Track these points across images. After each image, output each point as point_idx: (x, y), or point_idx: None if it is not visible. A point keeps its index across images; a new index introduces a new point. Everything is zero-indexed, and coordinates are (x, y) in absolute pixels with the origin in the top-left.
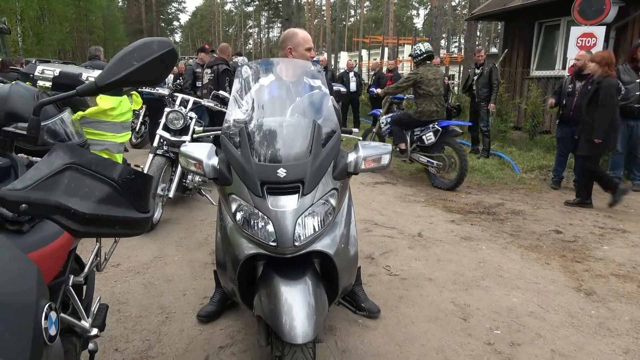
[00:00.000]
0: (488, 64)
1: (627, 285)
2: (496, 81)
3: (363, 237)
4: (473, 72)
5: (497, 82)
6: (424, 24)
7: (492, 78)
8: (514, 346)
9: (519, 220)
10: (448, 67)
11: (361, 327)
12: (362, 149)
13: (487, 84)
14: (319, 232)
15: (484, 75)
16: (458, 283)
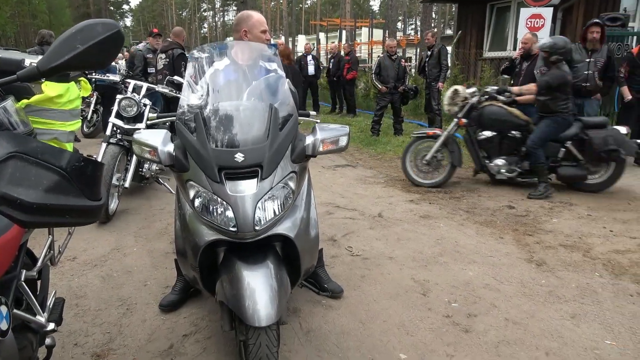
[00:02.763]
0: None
1: (574, 254)
2: (445, 61)
3: (325, 219)
4: (425, 53)
5: (445, 62)
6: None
7: (441, 58)
8: (470, 317)
9: (474, 197)
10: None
11: (325, 308)
12: (320, 132)
13: (437, 64)
14: (279, 215)
15: (434, 56)
16: (417, 260)
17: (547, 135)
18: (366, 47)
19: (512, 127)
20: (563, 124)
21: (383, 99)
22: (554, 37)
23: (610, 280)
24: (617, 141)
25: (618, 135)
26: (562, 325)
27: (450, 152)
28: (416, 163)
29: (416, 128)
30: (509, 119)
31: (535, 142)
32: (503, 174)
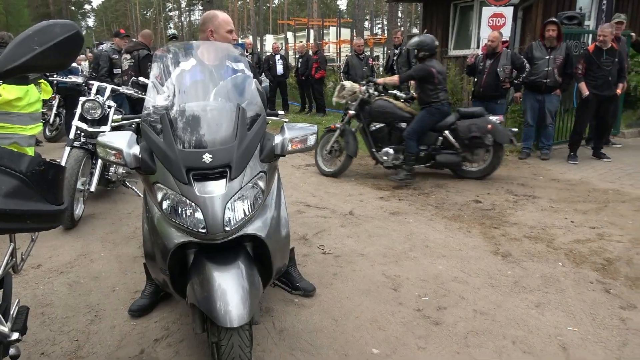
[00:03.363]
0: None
1: (538, 245)
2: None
3: (296, 218)
4: (392, 52)
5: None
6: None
7: (410, 57)
8: (440, 310)
9: (442, 193)
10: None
11: (297, 306)
12: (288, 131)
13: (407, 62)
14: (249, 215)
15: (403, 55)
16: (388, 256)
17: (422, 125)
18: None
19: (398, 119)
20: (436, 113)
21: None
22: (422, 36)
23: (571, 269)
24: (481, 129)
25: (482, 124)
26: (527, 314)
27: (346, 143)
28: (322, 153)
29: None
30: (395, 112)
31: (410, 132)
32: (389, 162)
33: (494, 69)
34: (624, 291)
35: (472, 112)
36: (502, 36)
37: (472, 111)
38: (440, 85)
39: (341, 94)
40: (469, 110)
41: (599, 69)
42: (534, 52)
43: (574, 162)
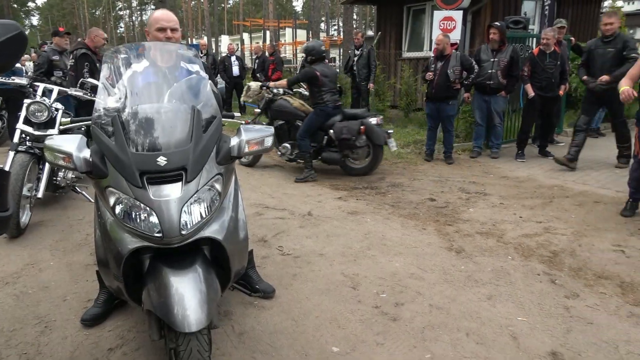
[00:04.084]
0: (366, 46)
1: (489, 240)
2: (374, 62)
3: (255, 220)
4: (353, 53)
5: (374, 63)
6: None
7: (370, 59)
8: (398, 306)
9: (398, 192)
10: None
11: (257, 309)
12: (245, 133)
13: (367, 64)
14: (206, 218)
15: (363, 56)
16: (347, 255)
17: (309, 126)
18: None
19: (295, 118)
20: (321, 114)
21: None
22: (312, 41)
23: (520, 262)
24: (351, 131)
25: (354, 126)
26: (480, 306)
27: None
28: None
29: None
30: (291, 111)
31: (301, 133)
32: (287, 155)
33: (445, 71)
34: (568, 281)
35: (355, 114)
36: (449, 39)
37: (355, 113)
38: (325, 87)
39: (247, 94)
40: (352, 111)
41: (543, 71)
42: (481, 55)
43: (522, 160)
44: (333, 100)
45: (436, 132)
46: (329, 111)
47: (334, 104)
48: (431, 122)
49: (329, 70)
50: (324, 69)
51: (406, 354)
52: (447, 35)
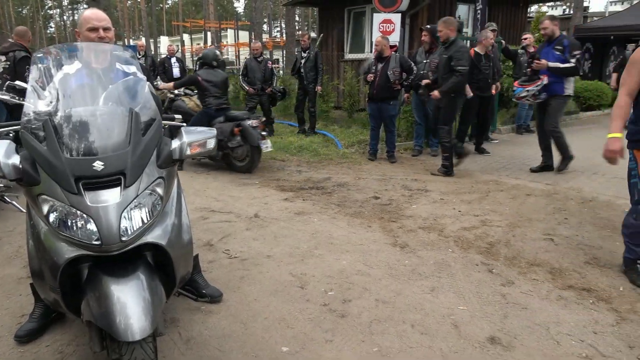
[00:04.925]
0: (313, 49)
1: (431, 235)
2: (321, 65)
3: (200, 224)
4: (300, 55)
5: (321, 65)
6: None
7: (317, 62)
8: (345, 303)
9: (344, 191)
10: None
11: (204, 314)
12: (186, 135)
13: (314, 67)
14: (147, 223)
15: (310, 59)
16: (294, 255)
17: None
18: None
19: (188, 117)
20: (204, 116)
21: (251, 100)
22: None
23: (460, 254)
24: (224, 133)
25: (227, 128)
26: (423, 298)
27: None
28: None
29: (287, 128)
30: (187, 111)
31: None
32: None
33: (385, 72)
34: (503, 270)
35: (235, 116)
36: (387, 41)
37: (236, 115)
38: (208, 91)
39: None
40: (233, 114)
41: (479, 72)
42: (417, 57)
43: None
44: (216, 104)
45: (379, 131)
46: (211, 113)
47: (216, 107)
48: (374, 122)
49: (214, 76)
50: (207, 74)
51: (354, 348)
52: (386, 37)
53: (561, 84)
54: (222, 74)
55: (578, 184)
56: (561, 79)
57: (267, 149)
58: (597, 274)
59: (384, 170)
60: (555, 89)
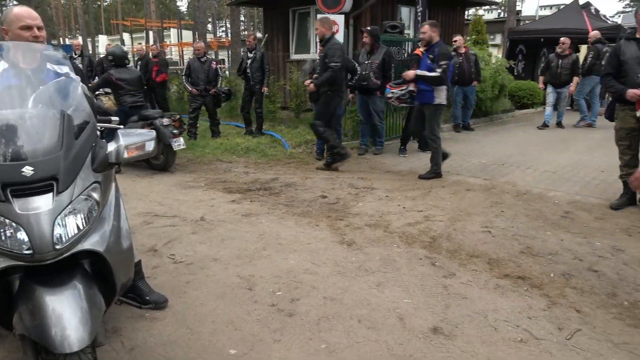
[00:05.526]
0: (259, 49)
1: (377, 231)
2: (267, 65)
3: (143, 230)
4: (246, 55)
5: (267, 66)
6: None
7: (263, 63)
8: (293, 302)
9: (291, 191)
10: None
11: (149, 321)
12: (123, 137)
13: (260, 68)
14: (83, 230)
15: (257, 60)
16: (242, 257)
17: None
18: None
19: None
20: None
21: (195, 101)
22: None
23: (405, 249)
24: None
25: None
26: (370, 293)
27: None
28: None
29: (233, 130)
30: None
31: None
32: None
33: None
34: (445, 262)
35: (148, 115)
36: None
37: (149, 114)
38: (122, 90)
39: None
40: (147, 112)
41: None
42: (359, 58)
43: (404, 155)
44: (131, 101)
45: None
46: (125, 111)
47: (131, 104)
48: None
49: (127, 74)
50: (120, 73)
51: (302, 347)
52: None
53: (431, 93)
54: (135, 71)
55: (513, 178)
56: (431, 88)
57: (180, 146)
58: (530, 262)
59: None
60: (426, 97)
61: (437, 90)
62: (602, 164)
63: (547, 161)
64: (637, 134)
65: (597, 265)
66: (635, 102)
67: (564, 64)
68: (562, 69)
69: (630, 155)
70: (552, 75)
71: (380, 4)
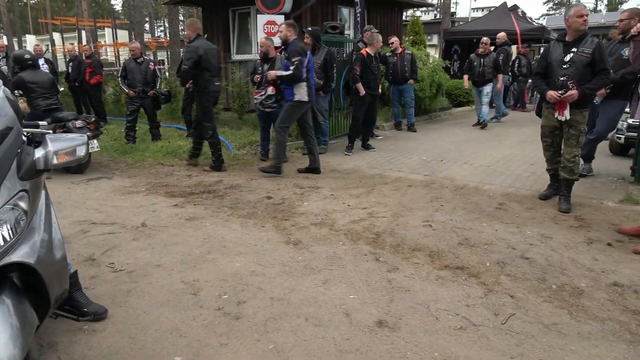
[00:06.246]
0: None
1: (322, 230)
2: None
3: (79, 239)
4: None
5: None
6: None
7: None
8: (240, 304)
9: (236, 193)
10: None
11: (88, 333)
12: (52, 143)
13: None
14: (11, 242)
15: None
16: (186, 262)
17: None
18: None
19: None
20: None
21: (133, 103)
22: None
23: (350, 246)
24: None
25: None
26: (316, 291)
27: None
28: None
29: (175, 132)
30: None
31: None
32: None
33: None
34: (389, 257)
35: (62, 117)
36: (272, 42)
37: (62, 116)
38: (35, 93)
39: None
40: (61, 115)
41: (370, 72)
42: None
43: (349, 153)
44: (45, 105)
45: (269, 131)
46: (39, 114)
47: (45, 108)
48: (263, 122)
49: (38, 77)
50: (32, 76)
51: (250, 349)
52: (270, 39)
53: (290, 90)
54: (47, 74)
55: (451, 173)
56: (290, 86)
57: (93, 149)
58: (468, 253)
59: None
60: (287, 94)
61: (296, 87)
62: (532, 157)
63: (482, 156)
64: (558, 132)
65: (529, 252)
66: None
67: (485, 63)
68: (485, 67)
69: (551, 152)
70: (475, 74)
71: (321, 4)
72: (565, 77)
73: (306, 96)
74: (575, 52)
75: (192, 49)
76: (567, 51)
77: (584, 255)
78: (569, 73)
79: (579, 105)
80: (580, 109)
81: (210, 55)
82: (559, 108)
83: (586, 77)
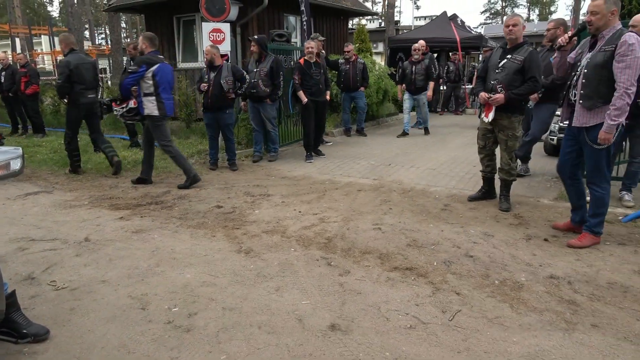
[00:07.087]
0: None
1: (274, 237)
2: None
3: (17, 257)
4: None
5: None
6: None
7: None
8: (191, 316)
9: (185, 203)
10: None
11: (28, 356)
12: None
13: None
14: None
15: None
16: (133, 276)
17: None
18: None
19: None
20: None
21: None
22: None
23: (302, 252)
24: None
25: None
26: (269, 299)
27: None
28: None
29: (119, 142)
30: None
31: None
32: None
33: (218, 81)
34: (341, 261)
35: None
36: (217, 50)
37: None
38: None
39: None
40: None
41: (311, 78)
42: (249, 66)
43: (311, 161)
44: None
45: (217, 140)
46: None
47: None
48: (211, 131)
49: None
50: None
51: None
52: (216, 47)
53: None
54: None
55: (399, 176)
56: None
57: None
58: (416, 253)
59: (226, 178)
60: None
61: (145, 102)
62: (474, 160)
63: (428, 159)
64: (491, 136)
65: (473, 250)
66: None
67: (417, 70)
68: (417, 75)
69: (483, 154)
70: (408, 82)
71: (267, 12)
72: (496, 80)
73: (156, 110)
74: (508, 59)
75: (63, 63)
76: (503, 57)
77: (523, 251)
78: (499, 77)
79: (506, 110)
80: (507, 114)
81: (83, 68)
82: (486, 109)
83: (515, 83)
